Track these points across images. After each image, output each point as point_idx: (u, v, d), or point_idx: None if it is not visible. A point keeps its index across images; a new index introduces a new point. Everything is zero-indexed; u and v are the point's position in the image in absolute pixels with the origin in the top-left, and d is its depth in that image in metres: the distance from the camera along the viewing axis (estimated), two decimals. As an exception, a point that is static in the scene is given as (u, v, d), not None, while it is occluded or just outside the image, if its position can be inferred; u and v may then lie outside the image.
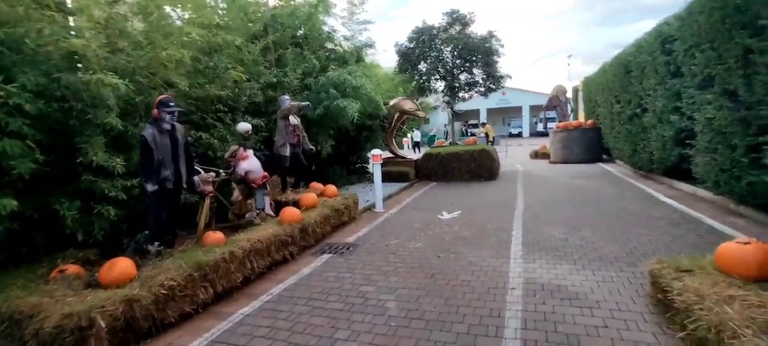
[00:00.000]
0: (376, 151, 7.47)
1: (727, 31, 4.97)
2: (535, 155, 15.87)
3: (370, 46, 10.54)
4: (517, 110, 38.55)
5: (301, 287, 3.94)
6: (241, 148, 4.96)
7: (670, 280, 2.79)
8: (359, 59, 10.92)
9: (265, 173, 5.08)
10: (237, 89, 5.88)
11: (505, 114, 41.45)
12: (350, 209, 6.61)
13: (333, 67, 8.72)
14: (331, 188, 6.89)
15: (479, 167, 10.57)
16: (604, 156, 13.38)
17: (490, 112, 39.38)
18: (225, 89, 5.31)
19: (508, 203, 7.32)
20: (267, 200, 5.17)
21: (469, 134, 38.60)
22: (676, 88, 6.56)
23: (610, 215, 5.83)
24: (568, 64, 73.71)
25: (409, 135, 25.78)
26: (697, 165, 6.14)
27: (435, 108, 21.09)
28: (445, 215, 6.59)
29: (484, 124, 18.67)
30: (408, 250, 4.84)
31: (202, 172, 4.35)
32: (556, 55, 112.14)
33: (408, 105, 11.76)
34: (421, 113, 11.70)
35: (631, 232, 4.89)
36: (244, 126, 5.02)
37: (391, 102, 12.06)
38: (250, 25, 6.24)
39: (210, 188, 4.38)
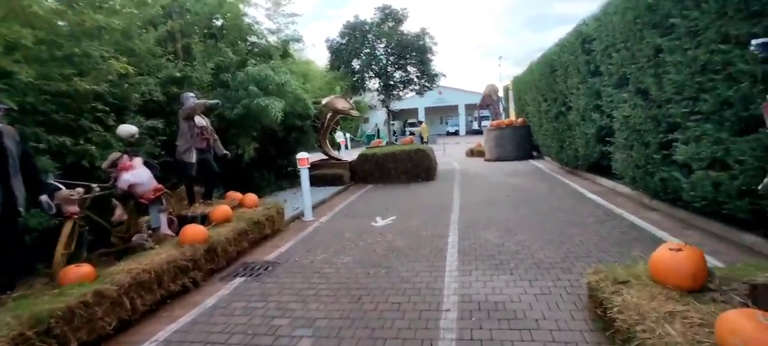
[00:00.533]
0: (302, 155, 6.80)
1: (639, 31, 5.09)
2: (471, 153, 16.15)
3: (298, 40, 9.81)
4: (454, 109, 39.72)
5: (198, 326, 3.20)
6: (125, 156, 4.03)
7: (609, 294, 2.55)
8: (286, 55, 10.11)
9: (159, 186, 4.20)
10: (126, 85, 4.86)
11: (443, 113, 42.53)
12: (274, 220, 5.88)
13: (253, 62, 7.86)
14: (251, 197, 6.10)
15: (416, 168, 10.32)
16: (534, 153, 13.94)
17: (428, 110, 40.12)
18: (104, 84, 4.29)
19: (445, 204, 7.08)
20: (164, 217, 4.29)
21: (407, 134, 39.05)
22: (596, 87, 6.75)
23: (543, 214, 5.78)
24: (499, 65, 77.96)
25: (346, 135, 25.27)
26: (616, 162, 6.34)
27: (372, 107, 20.83)
28: (379, 222, 6.14)
29: (420, 122, 18.58)
30: (335, 267, 4.28)
31: (63, 188, 3.40)
32: (488, 56, 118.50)
33: (341, 104, 11.18)
34: (354, 112, 11.19)
35: (565, 233, 4.80)
36: (126, 129, 4.08)
37: (323, 101, 11.40)
38: (144, 8, 5.20)
39: (74, 208, 3.44)
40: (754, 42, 2.38)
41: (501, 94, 18.82)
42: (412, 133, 25.61)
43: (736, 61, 3.54)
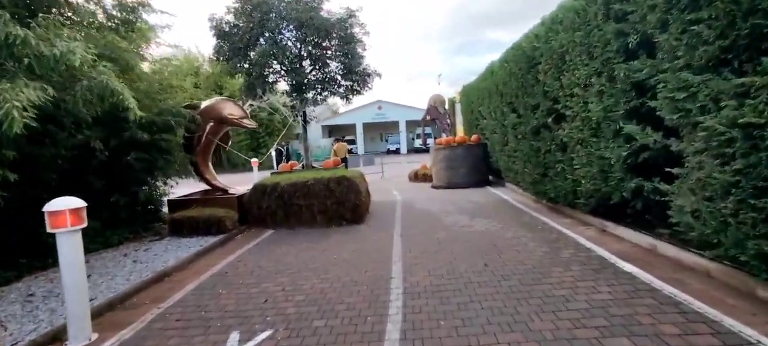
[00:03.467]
0: (56, 204, 3.12)
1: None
2: (415, 177, 13.21)
3: (145, 4, 6.04)
4: (394, 125, 37.30)
5: None
6: None
7: None
8: (130, 28, 6.30)
9: None
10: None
11: (383, 129, 39.98)
12: None
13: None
14: None
15: (339, 205, 6.94)
16: (491, 177, 11.32)
17: (367, 126, 37.33)
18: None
19: (378, 282, 3.80)
20: None
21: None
22: (641, 75, 3.84)
23: (563, 321, 2.71)
24: (439, 83, 77.93)
25: (271, 152, 21.10)
26: (682, 211, 3.52)
27: (308, 121, 16.95)
28: (221, 366, 2.64)
29: (337, 140, 14.67)
30: None
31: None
32: (427, 76, 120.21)
33: (229, 109, 7.52)
34: (248, 122, 7.58)
35: None
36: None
37: (203, 104, 7.67)
38: None
39: None
40: None
41: (447, 107, 16.28)
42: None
43: None
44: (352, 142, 36.54)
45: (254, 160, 13.40)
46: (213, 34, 8.36)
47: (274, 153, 20.44)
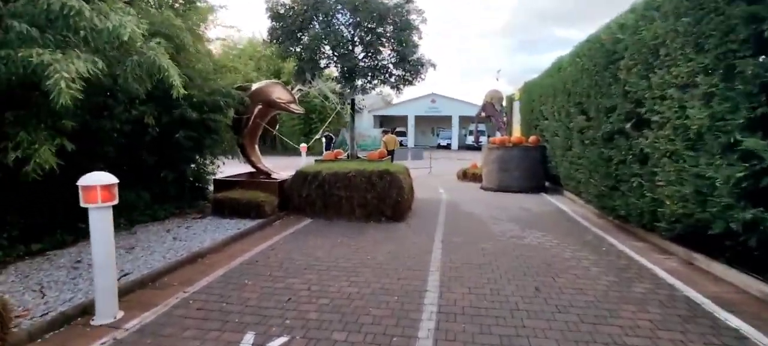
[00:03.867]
0: (90, 179, 3.06)
1: None
2: (464, 176, 12.53)
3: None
4: (447, 120, 36.21)
5: None
6: None
7: None
8: (189, 6, 6.38)
9: None
10: None
11: (435, 123, 39.06)
12: None
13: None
14: None
15: (380, 200, 6.61)
16: (547, 184, 10.37)
17: (419, 119, 36.64)
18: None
19: (411, 294, 3.41)
20: None
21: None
22: None
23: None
24: (497, 79, 74.30)
25: (321, 137, 21.30)
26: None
27: (358, 110, 16.78)
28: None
29: (386, 131, 14.21)
30: None
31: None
32: (485, 72, 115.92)
33: (277, 93, 7.46)
34: (295, 107, 7.46)
35: None
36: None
37: (254, 86, 7.68)
38: None
39: None
40: None
41: (505, 104, 15.27)
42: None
43: None
44: (402, 133, 36.11)
45: (303, 145, 13.52)
46: (268, 16, 8.32)
47: (324, 139, 20.63)
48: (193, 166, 6.78)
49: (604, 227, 6.09)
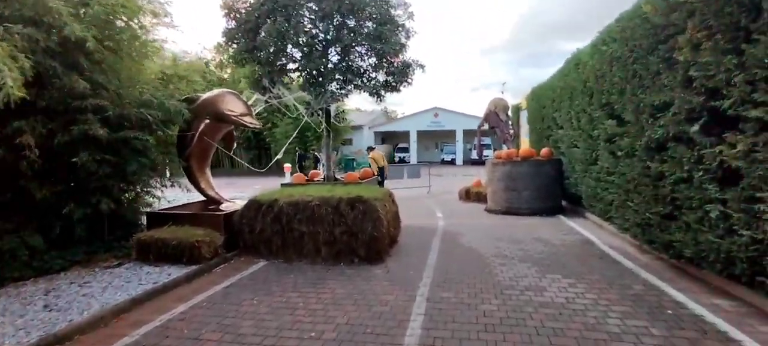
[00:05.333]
0: None
1: None
2: (467, 196, 10.95)
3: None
4: (451, 135, 34.68)
5: None
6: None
7: None
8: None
9: None
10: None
11: (439, 138, 37.56)
12: None
13: None
14: None
15: (351, 236, 5.08)
16: (564, 203, 8.76)
17: (421, 134, 35.23)
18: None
19: None
20: None
21: (397, 160, 32.56)
22: None
23: None
24: (502, 93, 72.80)
25: (317, 154, 19.88)
26: None
27: (356, 128, 15.31)
28: None
29: (371, 148, 12.83)
30: None
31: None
32: (489, 87, 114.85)
33: (227, 104, 6.04)
34: (249, 120, 6.02)
35: None
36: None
37: (201, 97, 6.29)
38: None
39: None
40: None
41: (510, 114, 13.75)
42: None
43: None
44: (405, 150, 34.70)
45: (287, 165, 12.12)
46: (223, 14, 6.97)
47: (311, 157, 19.26)
48: (105, 199, 5.14)
49: (653, 268, 4.45)
